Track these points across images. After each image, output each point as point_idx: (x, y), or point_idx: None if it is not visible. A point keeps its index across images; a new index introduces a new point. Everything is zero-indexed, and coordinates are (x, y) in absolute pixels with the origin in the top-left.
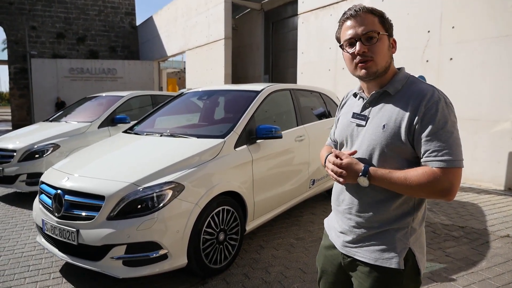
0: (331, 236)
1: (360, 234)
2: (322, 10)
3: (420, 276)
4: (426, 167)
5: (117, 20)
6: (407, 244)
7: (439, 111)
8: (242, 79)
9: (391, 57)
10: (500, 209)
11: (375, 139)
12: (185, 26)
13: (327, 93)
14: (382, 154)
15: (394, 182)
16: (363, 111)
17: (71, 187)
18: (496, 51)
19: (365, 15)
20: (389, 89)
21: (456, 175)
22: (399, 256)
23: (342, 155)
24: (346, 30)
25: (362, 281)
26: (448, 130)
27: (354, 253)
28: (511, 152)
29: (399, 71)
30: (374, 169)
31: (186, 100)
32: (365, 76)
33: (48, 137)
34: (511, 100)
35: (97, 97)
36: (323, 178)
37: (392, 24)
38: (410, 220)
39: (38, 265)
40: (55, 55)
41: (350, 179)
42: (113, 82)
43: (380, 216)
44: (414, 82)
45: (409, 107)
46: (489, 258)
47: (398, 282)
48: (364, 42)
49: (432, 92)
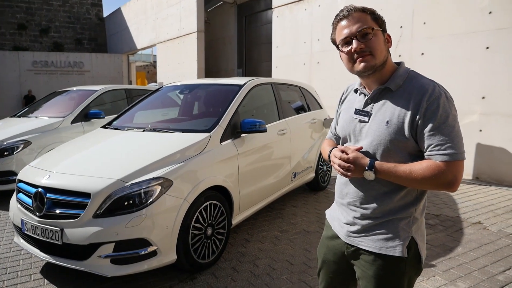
0: (334, 226)
1: (364, 224)
2: (297, 4)
3: (421, 263)
4: (430, 161)
5: (82, 11)
6: (410, 232)
7: (441, 106)
8: (215, 73)
9: (388, 51)
10: (470, 197)
11: (379, 135)
12: (155, 18)
13: (306, 87)
14: (386, 149)
15: (400, 175)
16: (365, 107)
17: (53, 184)
18: (464, 46)
19: (357, 13)
20: (390, 85)
21: (459, 167)
22: (403, 245)
23: (348, 150)
24: (341, 30)
25: (366, 269)
26: (450, 124)
27: (358, 243)
28: (479, 143)
29: (399, 66)
30: (379, 163)
31: (165, 94)
32: (364, 70)
33: (18, 133)
34: (479, 94)
35: (68, 91)
36: (304, 171)
37: (384, 20)
38: (413, 210)
39: (16, 267)
40: (16, 47)
41: (356, 173)
42: (80, 75)
43: (384, 207)
44: (415, 77)
45: (411, 103)
46: (464, 244)
47: (401, 270)
48: (360, 39)
49: (433, 87)
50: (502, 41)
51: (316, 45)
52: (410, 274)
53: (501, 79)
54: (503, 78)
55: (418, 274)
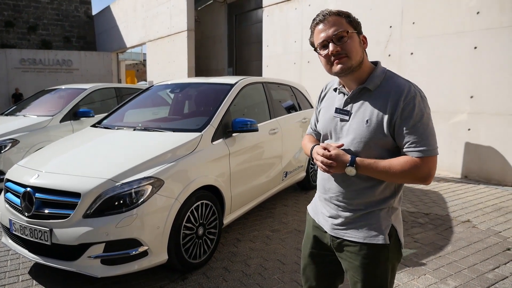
0: (319, 220)
1: (348, 217)
2: (287, 3)
3: (402, 248)
4: (408, 157)
5: (71, 8)
6: (390, 221)
7: (416, 105)
8: (205, 72)
9: (364, 52)
10: (459, 196)
11: (360, 133)
12: (145, 16)
13: (297, 86)
14: (366, 146)
15: (380, 171)
16: (345, 107)
17: (43, 184)
18: (452, 46)
19: (332, 18)
20: (369, 85)
21: (433, 162)
22: (385, 232)
23: (330, 147)
24: (318, 34)
25: (352, 260)
26: (424, 123)
27: (343, 235)
28: (467, 142)
29: (376, 66)
30: (360, 159)
31: (155, 93)
32: (341, 72)
33: (5, 132)
34: (467, 93)
35: (56, 89)
36: (294, 170)
37: (359, 22)
38: (392, 201)
39: (4, 268)
40: (3, 45)
41: (338, 169)
42: (68, 74)
43: (366, 200)
44: (391, 77)
45: (389, 102)
46: (453, 242)
47: (385, 256)
48: (336, 42)
49: (408, 87)
50: (490, 41)
51: (306, 44)
52: (393, 261)
53: (489, 78)
54: (491, 78)
55: (399, 260)
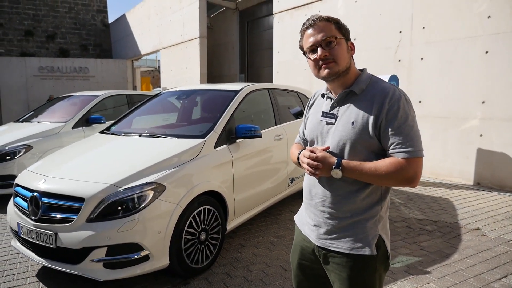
0: (305, 231)
1: (334, 225)
2: (297, 10)
3: (389, 260)
4: (393, 158)
5: (88, 17)
6: (377, 231)
7: (401, 108)
8: (217, 78)
9: (351, 58)
10: (470, 203)
11: (345, 135)
12: (159, 24)
13: (303, 92)
14: (352, 148)
15: (365, 172)
16: (332, 110)
17: (48, 189)
18: (463, 51)
19: (322, 23)
20: (355, 89)
21: (418, 163)
22: (372, 243)
23: (316, 150)
24: (307, 39)
25: (339, 272)
26: (409, 124)
27: (329, 245)
28: (479, 148)
29: (362, 72)
30: (346, 162)
31: (164, 100)
32: (328, 76)
33: (19, 138)
34: (478, 98)
35: (70, 96)
36: (301, 176)
37: (348, 29)
38: (378, 209)
39: (13, 270)
40: (23, 53)
41: (324, 171)
42: (85, 81)
43: (351, 205)
44: (377, 82)
45: (374, 105)
46: (461, 250)
47: (372, 267)
48: (324, 47)
49: (393, 90)
50: (502, 45)
51: None
52: (380, 271)
53: (501, 83)
54: (503, 83)
55: (387, 270)
